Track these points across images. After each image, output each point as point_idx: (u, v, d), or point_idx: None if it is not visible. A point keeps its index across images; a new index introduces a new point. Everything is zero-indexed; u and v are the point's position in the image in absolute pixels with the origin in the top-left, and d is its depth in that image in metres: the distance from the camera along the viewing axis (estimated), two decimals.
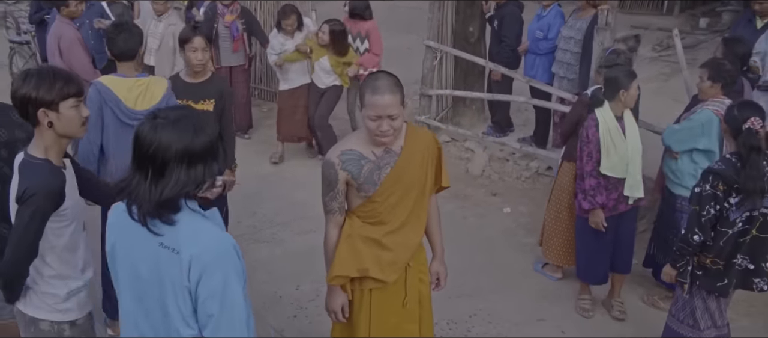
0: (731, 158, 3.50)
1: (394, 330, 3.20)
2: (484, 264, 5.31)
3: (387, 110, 2.78)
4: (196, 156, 2.09)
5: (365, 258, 3.03)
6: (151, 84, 3.83)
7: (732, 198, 3.45)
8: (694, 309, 3.71)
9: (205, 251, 2.08)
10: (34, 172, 2.56)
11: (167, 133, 2.06)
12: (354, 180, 2.91)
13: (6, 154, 3.04)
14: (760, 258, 3.59)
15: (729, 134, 3.56)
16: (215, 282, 2.08)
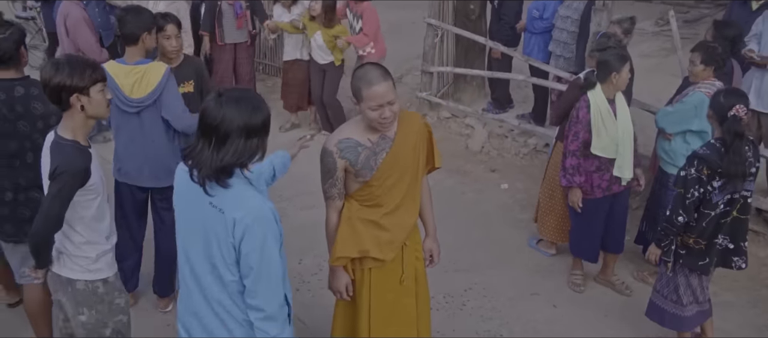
0: (716, 144, 3.65)
1: (393, 306, 3.39)
2: (480, 239, 5.50)
3: (386, 97, 2.93)
4: (253, 131, 2.43)
5: (365, 239, 3.20)
6: (148, 71, 3.90)
7: (715, 182, 3.61)
8: (677, 286, 3.90)
9: (247, 214, 2.42)
10: (64, 152, 2.86)
11: (230, 109, 2.39)
12: (352, 167, 3.06)
13: (42, 126, 3.47)
14: (740, 238, 3.77)
15: (714, 120, 3.71)
16: (255, 241, 2.43)
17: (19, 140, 3.51)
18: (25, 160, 3.54)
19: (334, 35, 6.90)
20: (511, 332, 4.37)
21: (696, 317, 4.00)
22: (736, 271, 3.97)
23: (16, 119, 3.47)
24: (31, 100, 3.50)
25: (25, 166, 3.55)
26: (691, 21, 12.92)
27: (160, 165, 4.05)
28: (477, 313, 4.54)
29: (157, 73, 3.92)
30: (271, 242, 2.46)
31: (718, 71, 4.54)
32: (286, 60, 7.59)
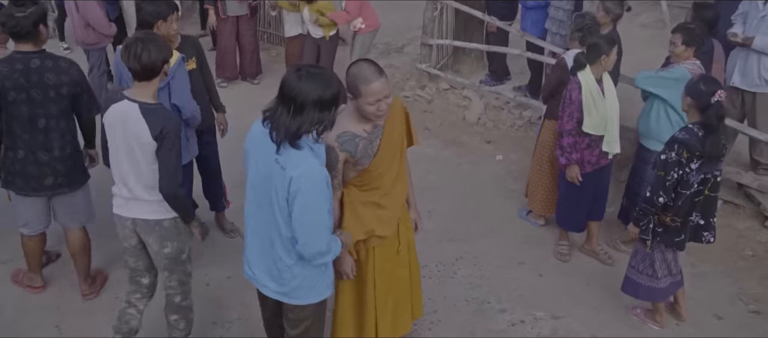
0: (693, 128, 3.89)
1: (390, 276, 3.70)
2: (473, 209, 5.78)
3: (383, 92, 3.17)
4: (325, 104, 2.83)
5: (369, 221, 3.47)
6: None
7: (693, 164, 3.88)
8: (653, 260, 4.19)
9: (303, 175, 2.83)
10: (160, 114, 3.38)
11: (307, 83, 2.80)
12: (352, 157, 3.31)
13: (54, 94, 3.97)
14: (709, 215, 4.06)
15: (694, 107, 3.93)
16: (306, 200, 2.85)
17: (32, 107, 3.95)
18: (37, 125, 3.99)
19: (318, 10, 7.10)
20: (498, 299, 4.67)
21: (669, 288, 4.29)
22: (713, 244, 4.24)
23: (30, 88, 3.92)
24: (45, 71, 3.93)
25: (36, 130, 4.00)
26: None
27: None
28: (467, 281, 4.85)
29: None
30: (322, 202, 2.89)
31: (699, 51, 4.75)
32: (287, 36, 7.86)
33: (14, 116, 3.97)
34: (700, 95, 3.87)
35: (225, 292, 4.65)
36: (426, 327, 4.38)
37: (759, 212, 5.56)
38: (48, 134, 4.01)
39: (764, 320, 4.58)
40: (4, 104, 3.94)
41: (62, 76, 3.95)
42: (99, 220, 4.65)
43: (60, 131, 4.06)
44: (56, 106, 4.00)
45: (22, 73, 3.89)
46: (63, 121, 4.07)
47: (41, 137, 4.00)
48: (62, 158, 4.09)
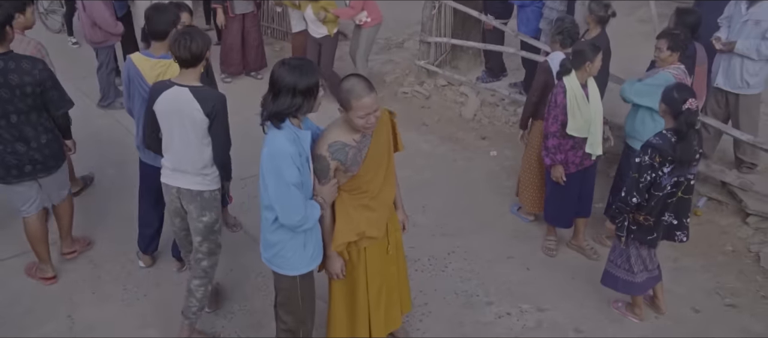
0: (667, 134, 4.11)
1: (382, 275, 3.93)
2: (466, 205, 6.01)
3: (372, 107, 3.39)
4: (298, 91, 3.22)
5: (360, 223, 3.69)
6: (171, 65, 4.23)
7: (665, 168, 4.09)
8: (629, 256, 4.42)
9: (268, 153, 3.27)
10: (209, 94, 3.87)
11: (285, 72, 3.22)
12: (342, 165, 3.53)
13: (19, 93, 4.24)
14: (682, 215, 4.28)
15: (668, 113, 4.15)
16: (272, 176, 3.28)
17: (2, 104, 4.24)
18: (10, 120, 4.29)
19: (322, 7, 7.33)
20: (486, 292, 4.91)
21: (646, 283, 4.53)
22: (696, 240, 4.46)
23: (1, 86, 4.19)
24: (9, 72, 4.19)
25: (10, 125, 4.30)
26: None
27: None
28: (457, 275, 5.09)
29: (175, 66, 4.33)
30: (286, 176, 3.23)
31: (682, 55, 4.95)
32: (293, 31, 8.18)
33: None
34: (672, 103, 4.08)
35: (228, 284, 4.90)
36: (417, 318, 4.63)
37: (741, 209, 5.77)
38: (21, 128, 4.33)
39: (739, 313, 4.81)
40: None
41: (24, 77, 4.23)
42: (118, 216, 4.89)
43: (32, 124, 4.37)
44: (23, 102, 4.28)
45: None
46: (34, 114, 4.37)
47: (15, 131, 4.33)
48: (38, 147, 4.44)
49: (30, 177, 4.50)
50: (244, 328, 4.53)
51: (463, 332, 4.54)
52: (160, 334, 4.45)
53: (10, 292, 4.76)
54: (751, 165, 6.00)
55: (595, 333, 4.57)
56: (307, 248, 3.54)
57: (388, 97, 8.16)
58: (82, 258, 5.11)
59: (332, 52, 7.74)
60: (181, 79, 3.86)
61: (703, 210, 5.90)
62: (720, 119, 6.02)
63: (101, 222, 5.55)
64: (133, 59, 4.38)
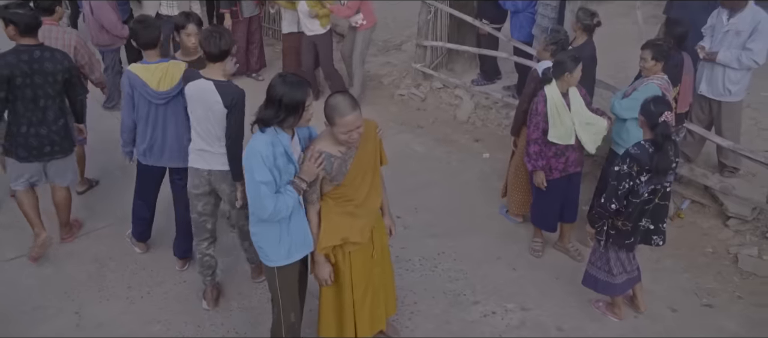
0: (645, 145, 4.33)
1: (368, 277, 4.16)
2: (458, 206, 6.23)
3: (355, 124, 3.63)
4: (285, 104, 3.53)
5: (344, 228, 3.92)
6: (170, 68, 4.65)
7: (643, 177, 4.31)
8: (608, 259, 4.65)
9: (246, 152, 3.61)
10: (231, 89, 4.29)
11: (280, 85, 3.55)
12: (328, 175, 3.77)
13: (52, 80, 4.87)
14: (659, 221, 4.50)
15: (646, 125, 4.37)
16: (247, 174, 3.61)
17: (34, 89, 4.83)
18: (38, 104, 4.88)
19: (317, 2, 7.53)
20: (473, 291, 5.14)
21: (625, 284, 4.75)
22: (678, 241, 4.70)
23: (33, 74, 4.80)
24: (45, 61, 4.82)
25: (37, 108, 4.90)
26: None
27: (178, 148, 4.79)
28: (446, 275, 5.32)
29: (179, 69, 4.64)
30: (255, 172, 3.52)
31: (666, 65, 5.15)
32: (283, 32, 8.40)
33: (19, 97, 4.83)
34: (650, 115, 4.30)
35: (226, 283, 5.14)
36: (406, 316, 4.87)
37: (722, 211, 5.99)
38: (46, 111, 4.94)
39: (715, 313, 5.03)
40: (12, 88, 4.78)
41: (58, 65, 4.88)
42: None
43: (55, 109, 4.98)
44: (53, 88, 4.90)
45: (26, 63, 4.78)
46: (58, 100, 4.99)
47: (41, 114, 4.92)
48: (57, 130, 5.03)
49: (48, 157, 5.07)
50: (241, 325, 4.77)
51: (450, 330, 4.77)
52: (164, 330, 4.70)
53: (20, 290, 5.01)
54: (733, 169, 6.20)
55: (576, 332, 4.80)
56: (283, 244, 3.79)
57: (385, 99, 8.39)
58: (88, 257, 5.36)
59: (329, 49, 7.93)
60: (207, 72, 4.32)
61: (685, 213, 6.12)
62: (704, 124, 6.23)
63: (106, 222, 5.79)
64: (132, 70, 4.65)
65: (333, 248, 3.97)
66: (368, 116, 7.94)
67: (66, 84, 4.97)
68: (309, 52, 7.95)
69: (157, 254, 5.42)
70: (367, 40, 8.01)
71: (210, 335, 4.68)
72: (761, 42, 5.66)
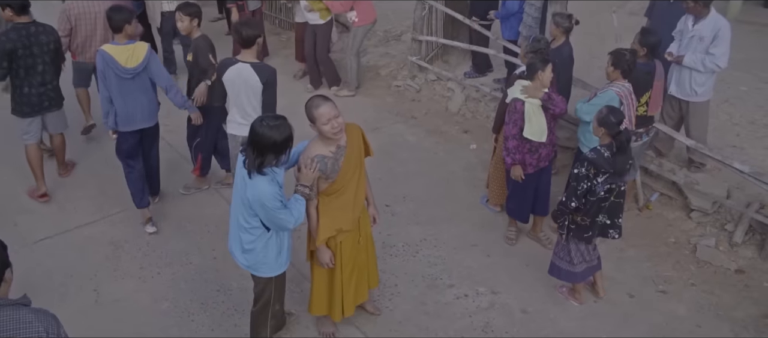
0: (601, 150, 4.83)
1: (353, 261, 4.74)
2: (442, 195, 6.76)
3: (330, 113, 4.15)
4: (278, 146, 3.93)
5: (337, 220, 4.48)
6: (135, 49, 5.65)
7: (599, 178, 4.82)
8: (569, 250, 5.17)
9: (252, 195, 4.03)
10: (265, 69, 5.35)
11: (266, 130, 3.89)
12: (323, 174, 4.31)
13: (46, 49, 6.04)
14: (615, 217, 5.02)
15: (605, 133, 4.86)
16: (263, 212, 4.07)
17: (34, 58, 5.98)
18: (37, 69, 6.03)
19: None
20: (449, 276, 5.69)
21: (585, 272, 5.28)
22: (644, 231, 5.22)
23: (31, 45, 5.93)
24: (40, 34, 5.99)
25: (37, 72, 6.04)
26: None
27: (148, 111, 5.88)
28: (426, 260, 5.87)
29: (142, 49, 5.69)
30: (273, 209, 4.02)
31: (627, 74, 5.61)
32: (296, 21, 9.00)
33: (21, 65, 5.95)
34: (610, 125, 4.79)
35: (228, 264, 5.69)
36: (387, 297, 5.43)
37: (686, 204, 6.47)
38: (43, 75, 6.09)
39: (668, 299, 5.55)
40: (15, 58, 5.88)
41: (49, 37, 6.08)
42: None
43: (50, 72, 6.14)
44: (47, 56, 6.05)
45: (25, 37, 5.89)
46: (51, 65, 6.13)
47: (39, 77, 6.07)
48: (52, 89, 6.23)
49: (47, 110, 6.27)
50: (241, 304, 5.35)
51: (425, 310, 5.33)
52: (172, 307, 5.29)
53: (45, 270, 5.62)
54: (700, 165, 6.67)
55: (539, 314, 5.34)
56: (282, 254, 4.37)
57: (382, 90, 8.90)
58: (105, 240, 5.96)
59: (326, 38, 8.54)
60: (242, 57, 5.37)
61: (654, 204, 6.62)
62: (674, 121, 6.69)
63: (121, 208, 6.39)
64: (105, 49, 5.61)
65: (329, 239, 4.53)
66: (366, 106, 8.70)
67: (56, 52, 6.15)
68: (310, 41, 8.55)
69: (166, 237, 6.01)
70: (359, 37, 8.52)
71: (213, 311, 5.28)
72: (722, 47, 6.09)
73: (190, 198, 6.64)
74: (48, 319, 2.91)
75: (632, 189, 6.61)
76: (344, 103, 8.47)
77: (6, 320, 2.81)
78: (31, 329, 2.82)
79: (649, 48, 5.92)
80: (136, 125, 5.85)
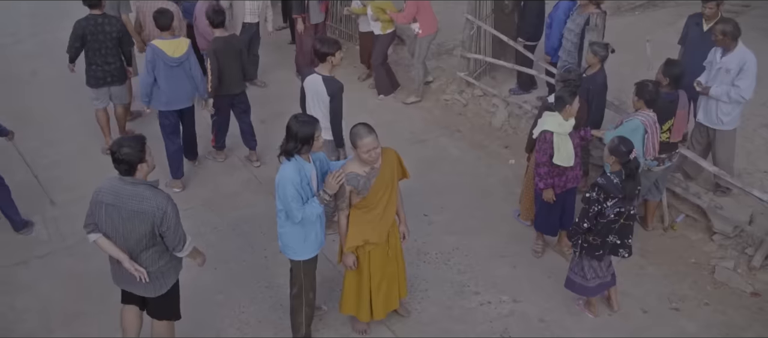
0: (611, 176, 5.27)
1: (383, 271, 5.32)
2: (478, 207, 7.27)
3: (372, 145, 4.76)
4: (300, 138, 4.72)
5: (365, 232, 5.09)
6: (179, 43, 7.17)
7: (609, 202, 5.26)
8: (583, 266, 5.62)
9: (279, 177, 4.80)
10: (333, 82, 6.16)
11: (293, 124, 4.75)
12: (355, 189, 4.93)
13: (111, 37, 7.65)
14: (625, 237, 5.45)
15: (615, 160, 5.29)
16: (279, 189, 4.83)
17: (100, 43, 7.60)
18: (102, 52, 7.65)
19: (379, 8, 8.96)
20: (476, 284, 6.21)
21: (597, 288, 5.72)
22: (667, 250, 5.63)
23: (98, 33, 7.56)
24: (105, 24, 7.56)
25: (101, 55, 7.67)
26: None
27: (186, 94, 7.36)
28: (456, 268, 6.40)
29: (185, 43, 7.26)
30: (288, 195, 4.74)
31: (650, 104, 6.00)
32: (361, 31, 9.96)
33: (90, 48, 7.63)
34: (620, 154, 5.23)
35: (277, 263, 6.37)
36: (417, 300, 6.00)
37: (710, 227, 6.79)
38: (107, 57, 7.69)
39: (680, 316, 5.91)
40: (85, 42, 7.57)
41: (113, 27, 7.63)
42: None
43: (113, 55, 7.73)
44: (111, 42, 7.63)
45: (94, 26, 7.53)
46: (114, 49, 7.71)
47: (102, 58, 7.68)
48: (114, 68, 7.81)
49: (109, 84, 7.85)
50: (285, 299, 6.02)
51: (450, 315, 5.87)
52: (224, 299, 6.00)
53: None
54: (726, 189, 6.96)
55: (555, 324, 5.81)
56: (307, 242, 5.06)
57: (432, 102, 9.46)
58: None
59: (383, 48, 9.35)
60: (318, 69, 6.25)
61: (679, 226, 6.96)
62: (702, 147, 7.00)
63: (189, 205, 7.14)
64: (155, 44, 7.08)
65: (356, 248, 5.13)
66: (415, 118, 9.35)
67: (119, 39, 7.67)
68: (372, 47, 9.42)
69: (223, 237, 6.75)
70: (425, 46, 9.16)
71: (261, 305, 5.97)
72: (747, 80, 6.39)
73: (245, 202, 7.39)
74: (164, 198, 4.49)
75: (659, 210, 6.97)
76: (397, 114, 9.14)
77: (135, 193, 4.43)
78: (150, 203, 4.41)
79: (672, 78, 6.28)
80: (178, 105, 7.33)
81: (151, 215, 4.41)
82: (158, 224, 4.46)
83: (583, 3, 7.65)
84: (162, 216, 4.43)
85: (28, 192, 7.21)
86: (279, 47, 11.21)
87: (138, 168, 4.45)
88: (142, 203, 4.41)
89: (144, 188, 4.46)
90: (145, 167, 4.49)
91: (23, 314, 5.84)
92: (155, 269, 4.69)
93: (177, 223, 4.56)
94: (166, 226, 4.48)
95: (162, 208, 4.43)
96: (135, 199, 4.42)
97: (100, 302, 5.87)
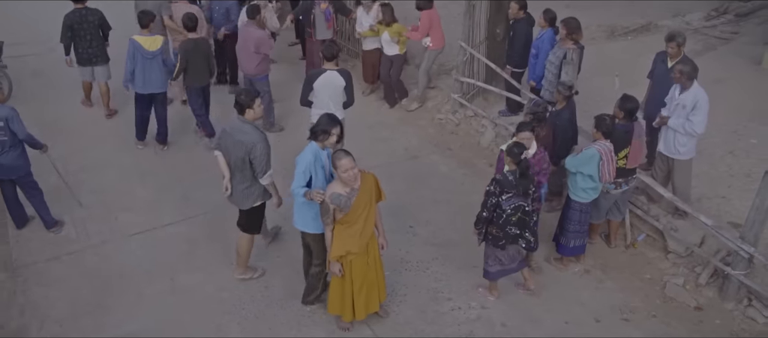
0: (507, 174, 6.21)
1: (363, 278, 6.13)
2: (459, 221, 8.02)
3: (349, 165, 5.59)
4: (319, 130, 5.95)
5: (347, 243, 5.90)
6: (155, 39, 8.88)
7: (504, 196, 6.18)
8: (487, 255, 6.58)
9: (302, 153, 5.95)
10: (346, 74, 7.91)
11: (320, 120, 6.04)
12: (338, 207, 5.74)
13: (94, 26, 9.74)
14: (523, 229, 6.36)
15: (510, 161, 6.22)
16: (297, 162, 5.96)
17: (85, 31, 9.54)
18: (86, 38, 9.58)
19: (397, 32, 9.91)
20: (449, 291, 6.99)
21: (497, 273, 6.68)
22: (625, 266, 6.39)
23: (83, 22, 9.51)
24: (89, 15, 9.54)
25: (86, 41, 9.62)
26: (742, 15, 14.09)
27: (159, 81, 9.06)
28: (433, 276, 7.19)
29: (160, 40, 8.96)
30: (300, 166, 5.90)
31: (607, 135, 6.75)
32: (364, 49, 10.76)
33: (77, 35, 9.56)
34: (513, 155, 6.17)
35: (291, 243, 7.22)
36: (396, 303, 6.80)
37: (666, 246, 7.51)
38: (91, 42, 9.63)
39: (629, 326, 6.65)
40: (73, 32, 9.49)
41: (95, 16, 9.60)
42: None
43: (96, 40, 9.66)
44: (95, 29, 9.59)
45: (79, 17, 9.49)
46: (97, 35, 9.67)
47: (87, 43, 9.63)
48: (97, 50, 9.75)
49: (93, 64, 9.77)
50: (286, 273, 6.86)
51: (424, 317, 6.67)
52: (229, 296, 6.85)
53: (136, 258, 7.31)
54: (683, 213, 7.67)
55: (516, 328, 6.57)
56: (317, 220, 6.08)
57: (427, 121, 10.26)
58: (183, 239, 7.61)
59: (400, 66, 10.38)
60: (328, 67, 7.79)
61: (640, 244, 7.69)
62: (663, 175, 7.70)
63: (201, 211, 8.01)
64: (135, 39, 8.81)
65: (340, 257, 5.95)
66: (410, 134, 10.28)
67: (100, 26, 9.62)
68: (387, 67, 10.35)
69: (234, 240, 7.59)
70: (431, 58, 10.18)
71: (259, 303, 6.82)
72: (699, 116, 7.10)
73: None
74: (259, 135, 6.28)
75: (622, 229, 7.71)
76: (393, 131, 9.95)
77: (241, 128, 6.29)
78: (248, 136, 6.21)
79: (626, 112, 6.99)
80: (151, 90, 9.01)
81: (246, 144, 6.19)
82: (249, 152, 6.21)
83: (562, 37, 8.38)
84: (252, 147, 6.18)
85: (58, 194, 8.13)
86: (290, 62, 12.10)
87: (246, 111, 6.29)
88: (243, 135, 6.22)
89: (248, 126, 6.31)
90: (251, 112, 6.30)
91: (55, 302, 6.74)
92: (242, 187, 6.47)
93: (262, 156, 6.24)
94: (253, 155, 6.22)
95: (253, 141, 6.19)
96: (241, 132, 6.25)
97: (120, 295, 6.76)
